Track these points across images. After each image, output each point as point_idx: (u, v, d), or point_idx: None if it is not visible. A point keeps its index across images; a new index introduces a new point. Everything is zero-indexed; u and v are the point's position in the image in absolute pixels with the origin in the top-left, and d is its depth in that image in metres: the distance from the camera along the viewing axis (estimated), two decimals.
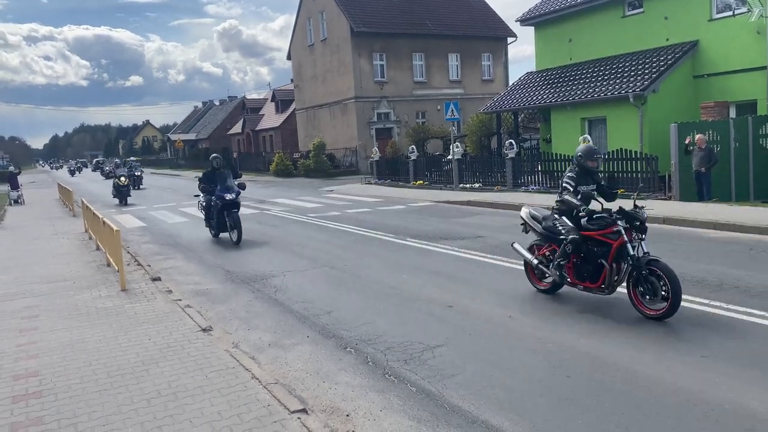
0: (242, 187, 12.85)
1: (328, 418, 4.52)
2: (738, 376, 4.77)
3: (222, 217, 12.69)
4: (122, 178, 24.46)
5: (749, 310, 6.28)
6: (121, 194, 24.38)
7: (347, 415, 4.56)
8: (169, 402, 4.75)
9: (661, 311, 6.05)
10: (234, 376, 5.22)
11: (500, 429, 4.21)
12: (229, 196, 12.50)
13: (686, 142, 14.80)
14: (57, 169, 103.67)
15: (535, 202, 13.24)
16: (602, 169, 17.20)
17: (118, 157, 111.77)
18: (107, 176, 50.68)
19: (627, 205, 6.66)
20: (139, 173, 35.22)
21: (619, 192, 7.42)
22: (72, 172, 69.60)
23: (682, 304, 6.65)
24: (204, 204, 13.54)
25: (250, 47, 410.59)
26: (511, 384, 4.92)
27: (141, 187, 34.16)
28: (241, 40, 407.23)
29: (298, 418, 4.36)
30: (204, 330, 6.59)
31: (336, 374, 5.39)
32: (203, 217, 13.91)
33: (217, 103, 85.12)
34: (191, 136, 77.74)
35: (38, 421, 4.54)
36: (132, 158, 47.62)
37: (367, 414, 4.56)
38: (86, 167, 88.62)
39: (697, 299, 6.75)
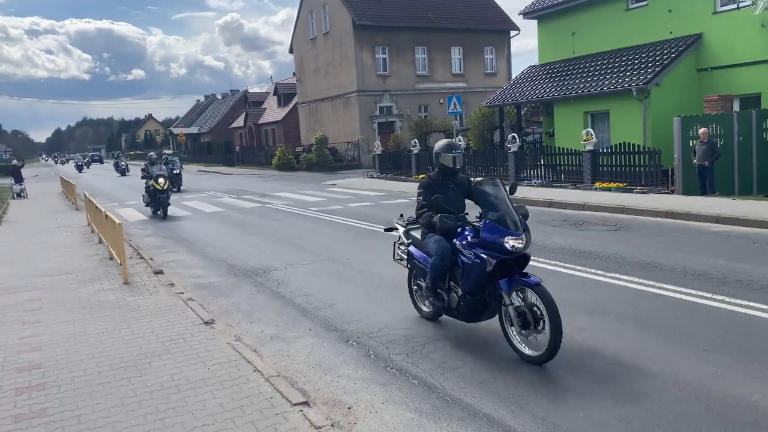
0: (525, 214, 5.47)
1: (330, 411, 4.53)
2: (740, 370, 4.76)
3: (496, 295, 5.41)
4: (160, 180, 17.07)
5: (752, 303, 6.27)
6: (159, 203, 17.27)
7: (349, 408, 4.57)
8: (171, 394, 4.77)
9: None
10: (236, 368, 5.24)
11: (501, 421, 4.21)
12: (513, 243, 5.19)
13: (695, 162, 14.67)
14: (62, 163, 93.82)
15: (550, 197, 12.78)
16: (606, 163, 17.18)
17: (120, 150, 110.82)
18: (123, 173, 46.02)
19: None
20: (177, 171, 26.47)
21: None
22: (80, 167, 58.51)
23: (685, 297, 6.66)
24: (433, 254, 5.81)
25: (252, 41, 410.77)
26: (513, 377, 4.92)
27: (181, 188, 26.44)
28: (242, 33, 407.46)
29: (300, 410, 4.37)
30: (206, 323, 6.61)
31: (338, 367, 5.39)
32: (414, 285, 6.73)
33: (220, 97, 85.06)
34: (193, 129, 77.75)
35: (41, 413, 4.56)
36: (166, 151, 35.49)
37: (369, 407, 4.57)
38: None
39: (700, 293, 6.74)
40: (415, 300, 6.76)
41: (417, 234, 6.35)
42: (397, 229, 6.95)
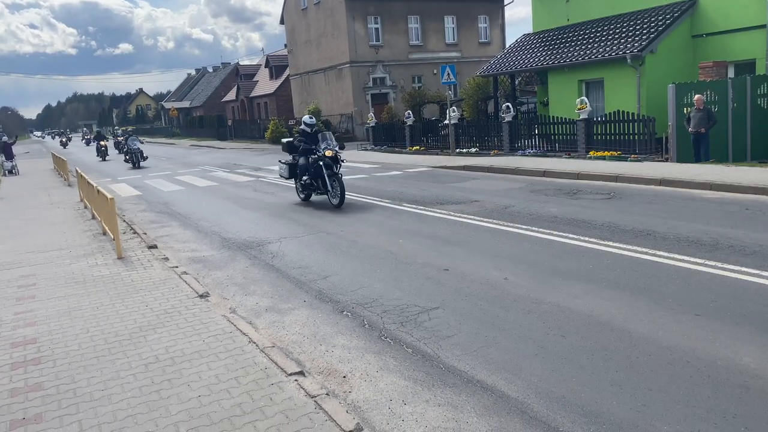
0: None
1: (325, 380, 4.56)
2: (731, 334, 4.80)
3: None
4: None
5: (743, 268, 6.31)
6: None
7: (344, 377, 4.60)
8: (167, 367, 4.79)
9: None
10: (231, 340, 5.26)
11: (495, 388, 4.25)
12: None
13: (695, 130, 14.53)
14: (103, 152, 36.31)
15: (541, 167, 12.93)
16: (601, 131, 17.09)
17: (112, 125, 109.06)
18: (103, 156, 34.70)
19: None
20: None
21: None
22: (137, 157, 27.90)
23: (678, 264, 6.69)
24: None
25: (239, 12, 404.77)
26: (506, 344, 4.96)
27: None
28: (229, 4, 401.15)
29: (296, 380, 4.40)
30: (201, 296, 6.61)
31: (333, 337, 5.42)
32: None
33: (211, 70, 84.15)
34: (185, 104, 76.99)
35: (37, 387, 4.57)
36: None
37: (364, 375, 4.60)
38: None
39: (693, 259, 6.78)
40: None
41: None
42: None
